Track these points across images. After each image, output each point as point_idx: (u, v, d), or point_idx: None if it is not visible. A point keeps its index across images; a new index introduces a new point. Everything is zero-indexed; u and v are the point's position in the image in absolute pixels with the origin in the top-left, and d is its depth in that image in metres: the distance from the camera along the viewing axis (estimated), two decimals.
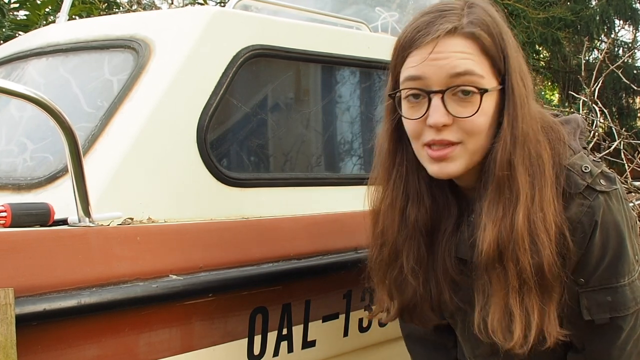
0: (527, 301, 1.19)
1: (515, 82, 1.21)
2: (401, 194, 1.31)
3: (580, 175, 1.22)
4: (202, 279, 1.45)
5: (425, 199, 1.30)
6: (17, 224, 1.32)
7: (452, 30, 1.18)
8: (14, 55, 2.11)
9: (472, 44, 1.19)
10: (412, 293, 1.34)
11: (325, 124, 2.02)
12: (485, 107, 1.19)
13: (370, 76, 2.13)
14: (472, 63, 1.18)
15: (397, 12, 2.67)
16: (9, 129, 1.85)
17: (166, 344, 1.43)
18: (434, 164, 1.23)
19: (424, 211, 1.30)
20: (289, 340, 1.69)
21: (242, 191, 1.72)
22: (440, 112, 1.18)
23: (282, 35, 1.89)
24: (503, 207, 1.19)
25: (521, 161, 1.19)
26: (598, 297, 1.24)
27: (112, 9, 5.81)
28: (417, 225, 1.30)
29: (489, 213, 1.20)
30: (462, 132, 1.19)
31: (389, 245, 1.34)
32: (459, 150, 1.20)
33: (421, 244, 1.32)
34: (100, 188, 1.47)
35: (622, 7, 9.29)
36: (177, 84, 1.65)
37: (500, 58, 1.21)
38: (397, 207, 1.32)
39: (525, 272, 1.18)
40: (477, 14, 1.21)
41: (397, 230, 1.32)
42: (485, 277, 1.23)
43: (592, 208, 1.21)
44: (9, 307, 1.13)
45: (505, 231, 1.18)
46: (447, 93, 1.18)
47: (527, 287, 1.19)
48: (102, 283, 1.30)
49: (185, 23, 1.80)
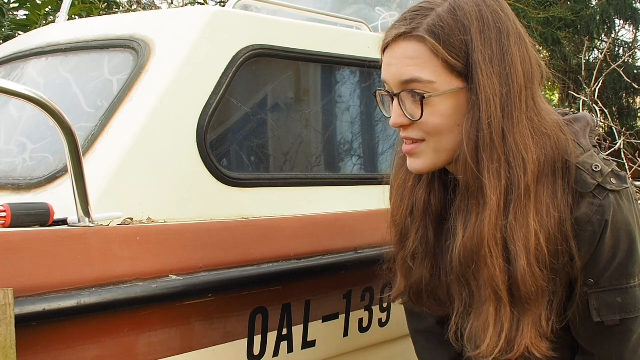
0: (503, 311, 1.18)
1: (480, 83, 1.16)
2: (413, 175, 1.33)
3: (591, 175, 1.20)
4: (202, 279, 1.45)
5: (435, 183, 1.31)
6: (17, 224, 1.32)
7: (402, 34, 1.19)
8: (14, 55, 2.11)
9: (421, 47, 1.17)
10: (417, 275, 1.34)
11: (325, 123, 2.02)
12: (440, 108, 1.18)
13: (370, 76, 2.13)
14: (418, 69, 1.17)
15: (397, 12, 2.67)
16: (9, 129, 1.85)
17: (166, 344, 1.42)
18: (408, 159, 1.27)
19: (434, 195, 1.31)
20: (289, 341, 1.69)
21: (242, 191, 1.72)
22: (396, 113, 1.21)
23: (282, 35, 1.89)
24: (474, 212, 1.18)
25: (487, 166, 1.15)
26: (608, 298, 1.22)
27: (112, 9, 5.81)
28: (425, 207, 1.31)
29: (459, 218, 1.20)
30: (422, 131, 1.21)
31: (398, 224, 1.36)
32: (423, 147, 1.22)
33: (429, 227, 1.32)
34: (100, 188, 1.47)
35: (622, 7, 9.27)
36: (177, 84, 1.65)
37: (461, 59, 1.17)
38: (408, 188, 1.34)
39: (494, 282, 1.16)
40: (441, 16, 1.18)
41: (407, 210, 1.34)
42: (463, 282, 1.22)
43: (603, 207, 1.19)
44: (9, 308, 1.13)
45: (475, 237, 1.17)
46: (402, 95, 1.20)
47: (497, 296, 1.17)
48: (101, 283, 1.30)
49: (185, 23, 1.80)
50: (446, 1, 1.21)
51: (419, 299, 1.39)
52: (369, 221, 1.88)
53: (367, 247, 1.79)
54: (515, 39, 1.20)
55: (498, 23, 1.19)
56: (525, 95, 1.19)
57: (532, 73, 1.21)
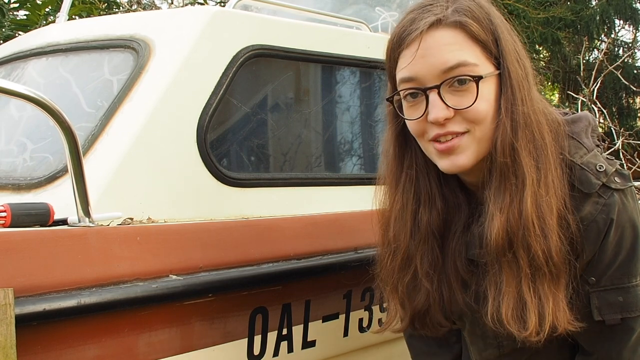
0: (540, 289, 1.18)
1: (511, 64, 1.18)
2: (412, 197, 1.29)
3: (595, 175, 1.20)
4: (202, 279, 1.45)
5: (437, 201, 1.29)
6: (17, 224, 1.32)
7: (435, 22, 1.17)
8: (14, 55, 2.11)
9: (460, 32, 1.17)
10: (424, 298, 1.32)
11: (325, 124, 2.02)
12: (484, 93, 1.17)
13: (370, 76, 2.13)
14: (462, 53, 1.16)
15: (397, 12, 2.67)
16: (9, 129, 1.85)
17: (166, 344, 1.42)
18: (444, 158, 1.21)
19: (436, 213, 1.29)
20: (289, 340, 1.69)
21: (242, 191, 1.72)
22: (439, 106, 1.16)
23: (282, 35, 1.89)
24: (510, 193, 1.17)
25: (524, 145, 1.17)
26: (609, 297, 1.22)
27: (112, 9, 5.81)
28: (429, 228, 1.29)
29: (496, 201, 1.18)
30: (466, 121, 1.18)
31: (401, 250, 1.32)
32: (466, 139, 1.19)
33: (434, 247, 1.30)
34: (100, 188, 1.47)
35: (622, 7, 9.28)
36: (177, 84, 1.65)
37: (492, 41, 1.19)
38: (408, 211, 1.30)
39: (538, 258, 1.16)
40: (461, 2, 1.20)
41: (410, 234, 1.30)
42: (497, 267, 1.21)
43: (607, 206, 1.19)
44: (9, 307, 1.13)
45: (514, 218, 1.16)
46: (442, 87, 1.16)
47: (539, 273, 1.17)
48: (101, 283, 1.30)
49: (185, 23, 1.80)
50: None
51: (424, 323, 1.37)
52: (369, 221, 1.88)
53: (367, 247, 1.79)
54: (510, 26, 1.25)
55: (497, 12, 1.24)
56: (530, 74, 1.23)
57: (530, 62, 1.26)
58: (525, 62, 1.22)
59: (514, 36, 1.23)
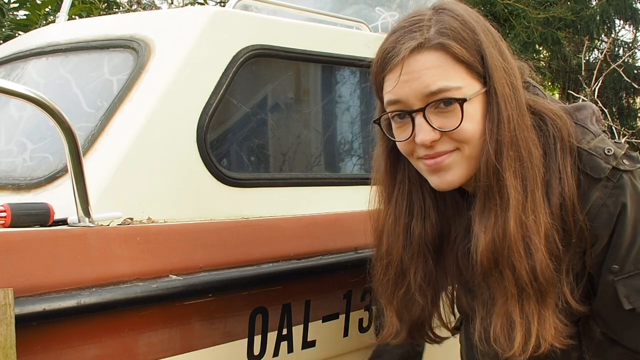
0: (527, 308, 1.18)
1: (497, 82, 1.17)
2: (404, 211, 1.29)
3: (604, 159, 1.19)
4: (202, 279, 1.45)
5: (431, 213, 1.29)
6: (17, 224, 1.32)
7: (417, 47, 1.15)
8: (14, 55, 2.11)
9: (442, 55, 1.15)
10: (420, 310, 1.33)
11: (325, 124, 2.02)
12: (471, 112, 1.17)
13: (370, 76, 2.13)
14: (444, 78, 1.15)
15: (397, 12, 2.67)
16: (9, 129, 1.85)
17: (166, 344, 1.42)
18: (434, 175, 1.21)
19: (430, 226, 1.28)
20: (289, 341, 1.69)
21: (242, 191, 1.72)
22: (425, 129, 1.16)
23: (282, 35, 1.89)
24: (495, 213, 1.17)
25: (509, 165, 1.16)
26: (635, 283, 1.20)
27: (112, 9, 5.82)
28: (422, 242, 1.29)
29: (481, 221, 1.19)
30: (454, 141, 1.18)
31: (394, 264, 1.31)
32: (455, 157, 1.19)
33: (428, 259, 1.30)
34: (100, 188, 1.47)
35: (622, 7, 9.26)
36: (177, 84, 1.65)
37: (478, 61, 1.17)
38: (400, 225, 1.30)
39: (522, 278, 1.16)
40: (445, 21, 1.17)
41: (402, 248, 1.30)
42: (484, 285, 1.21)
43: (618, 189, 1.18)
44: (9, 308, 1.13)
45: (498, 238, 1.16)
46: (427, 109, 1.16)
47: (525, 293, 1.17)
48: (101, 283, 1.30)
49: (185, 23, 1.80)
50: (435, 9, 1.20)
51: (420, 332, 1.37)
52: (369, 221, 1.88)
53: (367, 247, 1.79)
54: (498, 37, 1.22)
55: (484, 23, 1.22)
56: (520, 87, 1.21)
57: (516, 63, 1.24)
58: (513, 73, 1.20)
59: (501, 47, 1.21)
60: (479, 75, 1.18)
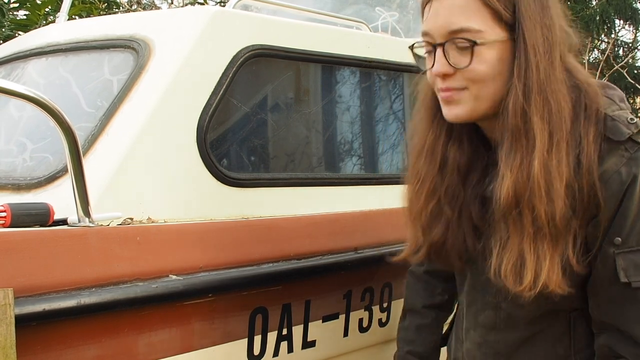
0: (540, 248, 1.22)
1: (528, 31, 1.22)
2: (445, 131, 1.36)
3: (626, 125, 1.23)
4: (202, 279, 1.45)
5: (464, 142, 1.36)
6: (17, 224, 1.32)
7: None
8: (14, 55, 2.11)
9: None
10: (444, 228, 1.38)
11: (325, 124, 2.02)
12: (486, 56, 1.23)
13: (370, 76, 2.13)
14: (466, 19, 1.22)
15: (397, 12, 2.67)
16: (9, 129, 1.85)
17: (166, 344, 1.42)
18: (445, 106, 1.29)
19: (462, 152, 1.36)
20: (289, 341, 1.69)
21: (242, 191, 1.72)
22: (441, 62, 1.24)
23: (282, 35, 1.89)
24: (520, 154, 1.23)
25: (536, 110, 1.22)
26: (636, 258, 1.22)
27: (112, 9, 5.82)
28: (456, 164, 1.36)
29: (507, 161, 1.24)
30: (465, 79, 1.25)
31: (429, 179, 1.38)
32: (464, 94, 1.26)
33: (458, 182, 1.37)
34: (100, 188, 1.47)
35: (622, 7, 9.26)
36: (177, 84, 1.65)
37: (508, 8, 1.23)
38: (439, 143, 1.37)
39: (540, 219, 1.21)
40: None
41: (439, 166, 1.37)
42: (502, 224, 1.26)
43: (633, 160, 1.22)
44: (9, 308, 1.13)
45: (522, 179, 1.21)
46: (447, 44, 1.23)
47: (541, 234, 1.22)
48: (101, 283, 1.30)
49: (185, 23, 1.80)
50: None
51: (439, 254, 1.42)
52: (369, 221, 1.88)
53: (367, 247, 1.79)
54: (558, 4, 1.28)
55: None
56: (561, 49, 1.25)
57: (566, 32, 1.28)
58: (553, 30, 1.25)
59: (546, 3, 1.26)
60: (505, 24, 1.24)
